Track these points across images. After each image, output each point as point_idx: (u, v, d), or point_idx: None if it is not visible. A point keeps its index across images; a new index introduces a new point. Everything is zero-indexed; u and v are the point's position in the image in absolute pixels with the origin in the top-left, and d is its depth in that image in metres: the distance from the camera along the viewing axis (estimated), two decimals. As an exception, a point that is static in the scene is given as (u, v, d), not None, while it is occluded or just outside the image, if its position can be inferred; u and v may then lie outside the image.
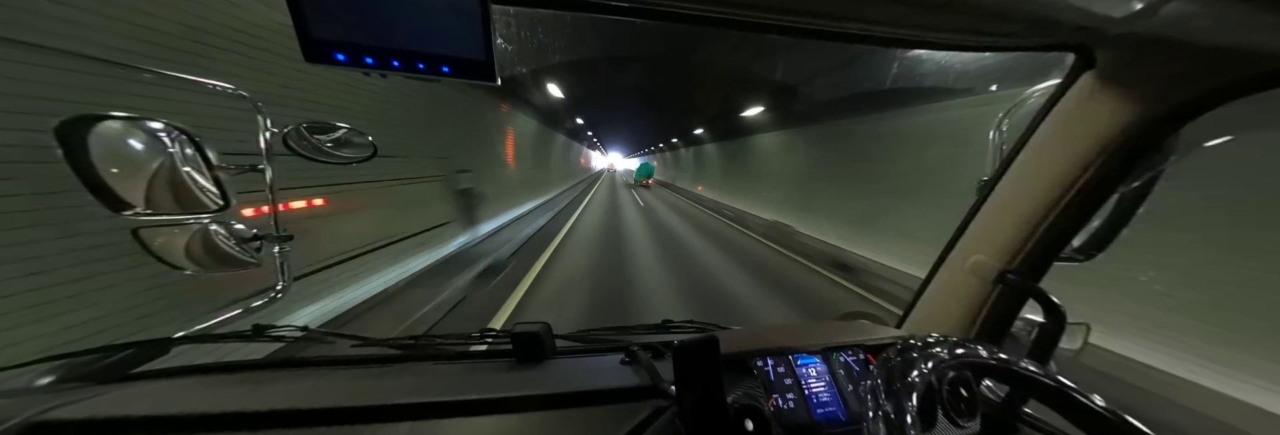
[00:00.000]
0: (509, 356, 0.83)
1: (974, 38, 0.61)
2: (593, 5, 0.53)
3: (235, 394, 0.67)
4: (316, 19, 0.46)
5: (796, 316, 4.16)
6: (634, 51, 6.57)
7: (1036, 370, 0.50)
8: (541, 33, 5.25)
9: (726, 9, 0.52)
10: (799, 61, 5.87)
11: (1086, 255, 0.77)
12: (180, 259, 0.77)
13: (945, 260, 0.91)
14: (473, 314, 3.78)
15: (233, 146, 1.04)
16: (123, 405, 0.61)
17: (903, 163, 5.89)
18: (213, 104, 2.11)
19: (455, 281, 4.36)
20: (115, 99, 1.85)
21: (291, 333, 0.90)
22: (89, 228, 1.75)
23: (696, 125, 15.50)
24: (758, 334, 0.86)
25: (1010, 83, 4.29)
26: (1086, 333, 0.79)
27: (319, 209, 3.25)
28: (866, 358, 0.80)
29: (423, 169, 4.89)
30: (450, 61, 0.51)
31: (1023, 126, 0.78)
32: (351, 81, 3.56)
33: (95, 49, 1.76)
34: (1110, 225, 0.74)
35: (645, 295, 4.43)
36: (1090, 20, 0.55)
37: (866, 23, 0.56)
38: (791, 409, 0.69)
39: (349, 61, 0.48)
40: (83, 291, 1.76)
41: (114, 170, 0.65)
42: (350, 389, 0.69)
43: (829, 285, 5.41)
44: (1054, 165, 0.70)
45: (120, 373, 0.74)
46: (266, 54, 2.63)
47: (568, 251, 6.40)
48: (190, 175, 0.72)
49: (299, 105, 3.09)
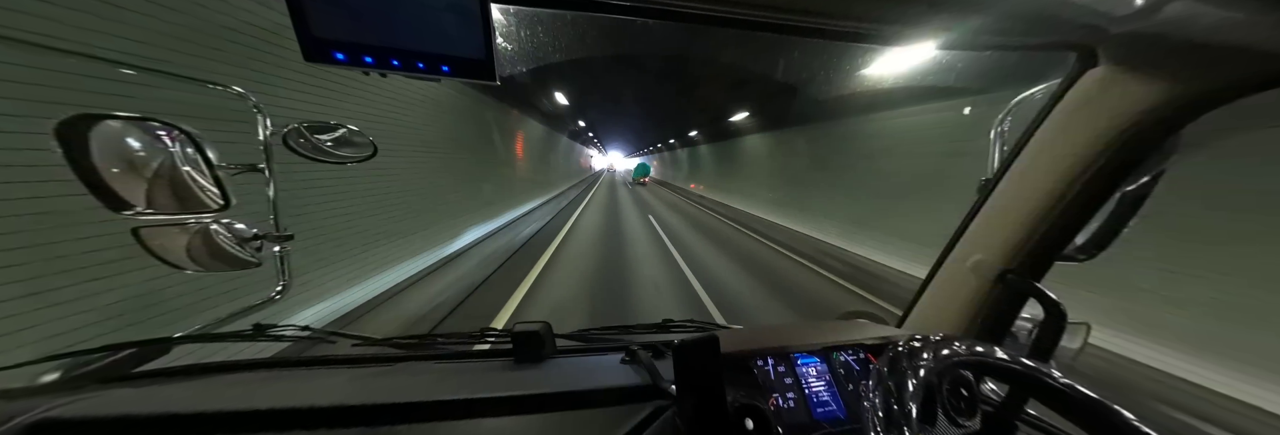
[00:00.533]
0: (509, 356, 0.84)
1: (976, 37, 0.61)
2: (593, 5, 0.52)
3: (237, 393, 0.67)
4: (316, 18, 0.46)
5: (722, 256, 6.26)
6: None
7: (1037, 369, 0.50)
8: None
9: (726, 8, 0.52)
10: (772, 70, 6.16)
11: (1088, 255, 0.77)
12: (181, 259, 0.77)
13: (946, 259, 0.90)
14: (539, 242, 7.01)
15: (236, 146, 1.04)
16: (124, 405, 0.61)
17: (840, 161, 8.08)
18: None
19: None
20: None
21: (292, 332, 0.90)
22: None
23: (690, 128, 17.13)
24: (757, 333, 0.86)
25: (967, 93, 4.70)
26: (1087, 332, 0.79)
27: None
28: (867, 357, 0.80)
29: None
30: (450, 60, 0.51)
31: (1023, 126, 0.78)
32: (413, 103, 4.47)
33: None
34: (1111, 224, 0.74)
35: (633, 239, 8.04)
36: (1093, 19, 0.54)
37: (867, 22, 0.56)
38: (791, 408, 0.69)
39: (348, 60, 0.48)
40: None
41: (114, 170, 0.65)
42: (351, 388, 0.69)
43: (735, 232, 9.94)
44: (1055, 164, 0.70)
45: (122, 372, 0.74)
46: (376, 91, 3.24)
47: (580, 230, 9.10)
48: (190, 175, 0.72)
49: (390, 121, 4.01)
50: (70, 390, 0.66)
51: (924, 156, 5.67)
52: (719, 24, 0.55)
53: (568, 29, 5.27)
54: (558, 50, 5.91)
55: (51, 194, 1.64)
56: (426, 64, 0.50)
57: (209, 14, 2.26)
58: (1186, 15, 0.48)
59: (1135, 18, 0.52)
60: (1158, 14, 0.49)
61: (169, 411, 0.60)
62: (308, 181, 3.07)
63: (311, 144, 0.94)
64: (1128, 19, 0.52)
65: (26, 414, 0.56)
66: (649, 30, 5.50)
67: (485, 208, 7.32)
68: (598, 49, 6.28)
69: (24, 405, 0.58)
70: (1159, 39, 0.54)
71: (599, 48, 6.23)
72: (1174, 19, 0.49)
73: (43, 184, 1.61)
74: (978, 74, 4.51)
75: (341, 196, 3.44)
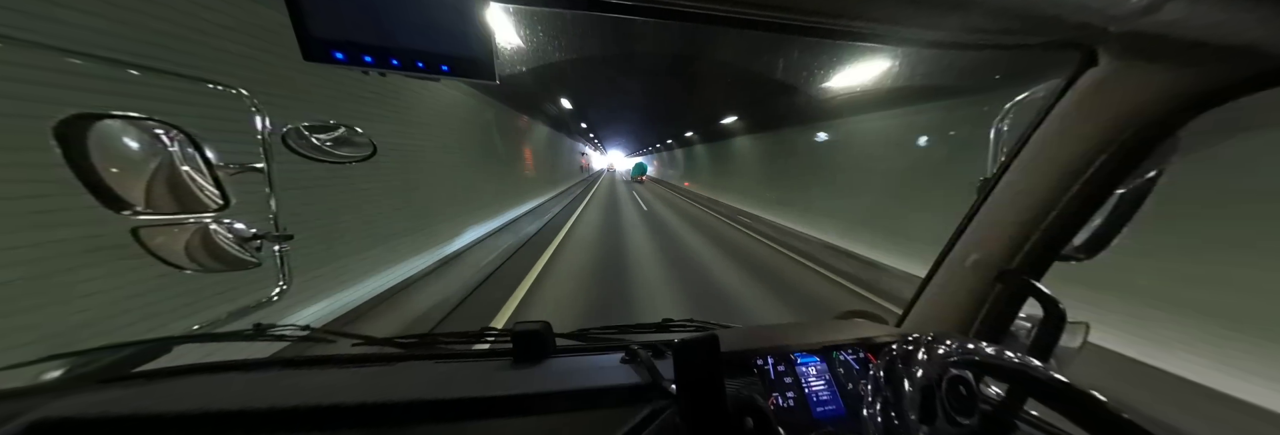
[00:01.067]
0: (509, 355, 0.84)
1: (976, 36, 0.61)
2: (593, 4, 0.52)
3: (237, 393, 0.67)
4: (315, 17, 0.46)
5: (699, 238, 8.32)
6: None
7: (1036, 368, 0.50)
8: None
9: (727, 7, 0.52)
10: (758, 74, 6.34)
11: (1087, 254, 0.77)
12: (181, 259, 0.77)
13: (945, 259, 0.91)
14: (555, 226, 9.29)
15: (239, 146, 1.04)
16: (125, 404, 0.61)
17: (800, 160, 9.36)
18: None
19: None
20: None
21: (293, 332, 0.90)
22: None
23: (686, 129, 18.04)
24: (758, 333, 0.87)
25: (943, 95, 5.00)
26: (1086, 331, 0.79)
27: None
28: (866, 356, 0.80)
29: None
30: (449, 60, 0.51)
31: (1022, 125, 0.78)
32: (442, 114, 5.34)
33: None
34: (1111, 223, 0.74)
35: (630, 223, 10.40)
36: (1092, 18, 0.54)
37: (867, 21, 0.56)
38: (792, 407, 0.69)
39: (347, 60, 0.48)
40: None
41: (113, 170, 0.65)
42: (351, 388, 0.69)
43: (703, 212, 13.61)
44: (1055, 163, 0.70)
45: (122, 372, 0.74)
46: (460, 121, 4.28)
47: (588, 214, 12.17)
48: (189, 174, 0.72)
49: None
50: (71, 389, 0.66)
51: (872, 159, 6.92)
52: (719, 23, 0.55)
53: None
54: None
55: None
56: (426, 63, 0.50)
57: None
58: (1186, 14, 0.48)
59: (1135, 17, 0.52)
60: (1157, 13, 0.49)
61: (170, 411, 0.60)
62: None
63: (311, 144, 0.94)
64: (1127, 18, 0.52)
65: (26, 413, 0.56)
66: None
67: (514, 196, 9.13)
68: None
69: (24, 404, 0.58)
70: (1159, 38, 0.54)
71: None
72: (1174, 18, 0.49)
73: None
74: (930, 75, 4.68)
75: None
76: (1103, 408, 0.44)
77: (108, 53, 1.81)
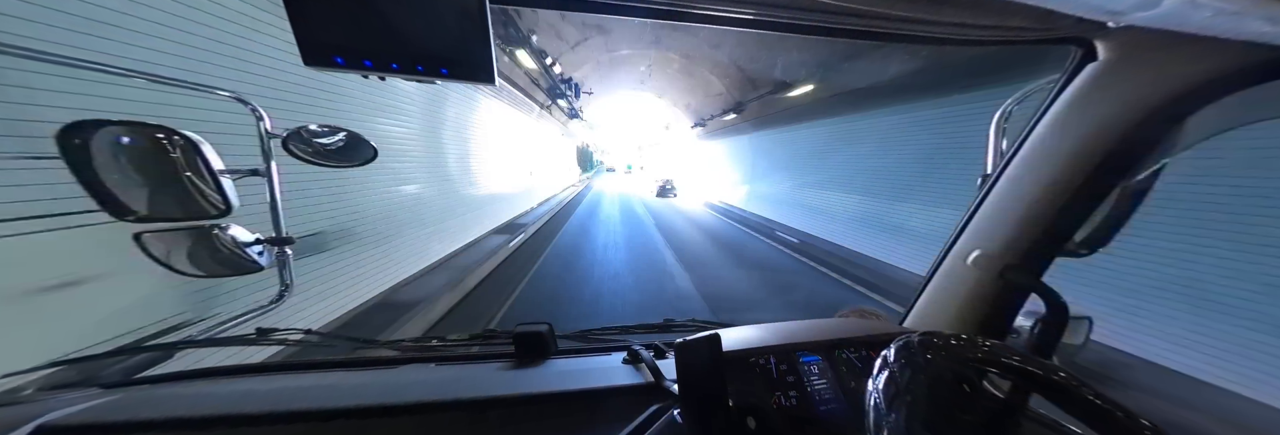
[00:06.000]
0: (511, 357, 0.84)
1: (975, 32, 0.61)
2: (593, 4, 0.52)
3: (240, 397, 0.67)
4: (315, 22, 0.46)
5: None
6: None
7: (1040, 364, 0.50)
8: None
9: (727, 6, 0.52)
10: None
11: (1089, 249, 0.76)
12: (184, 264, 0.77)
13: (947, 255, 0.90)
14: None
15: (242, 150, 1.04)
16: (129, 409, 0.61)
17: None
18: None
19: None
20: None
21: (295, 336, 0.90)
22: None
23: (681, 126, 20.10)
24: (759, 332, 0.86)
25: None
26: (1089, 327, 0.79)
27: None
28: (869, 354, 0.80)
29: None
30: (449, 62, 0.51)
31: (1023, 121, 0.77)
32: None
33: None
34: (1113, 219, 0.73)
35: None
36: (1091, 12, 0.54)
37: (867, 18, 0.56)
38: (794, 406, 0.69)
39: (347, 64, 0.48)
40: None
41: (116, 176, 0.65)
42: (353, 391, 0.69)
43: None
44: (1056, 159, 0.70)
45: (126, 377, 0.75)
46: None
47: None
48: (192, 180, 0.72)
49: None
50: (75, 395, 0.66)
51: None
52: (719, 23, 0.55)
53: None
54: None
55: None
56: (425, 66, 0.50)
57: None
58: (1185, 8, 0.48)
59: (1134, 10, 0.52)
60: (1156, 7, 0.49)
61: (173, 416, 0.60)
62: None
63: (312, 148, 0.94)
64: (1127, 12, 0.52)
65: (32, 419, 0.56)
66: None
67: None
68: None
69: (29, 410, 0.58)
70: (1158, 33, 0.54)
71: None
72: (1173, 12, 0.49)
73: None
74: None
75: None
76: (1107, 404, 0.44)
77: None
